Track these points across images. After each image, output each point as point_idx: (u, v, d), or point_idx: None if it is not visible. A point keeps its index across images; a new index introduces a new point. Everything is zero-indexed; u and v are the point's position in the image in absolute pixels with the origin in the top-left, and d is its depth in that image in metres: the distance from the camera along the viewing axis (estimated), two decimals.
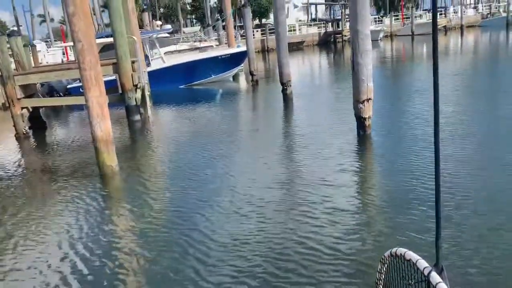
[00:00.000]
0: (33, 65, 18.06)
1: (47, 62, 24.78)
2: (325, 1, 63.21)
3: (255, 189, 6.51)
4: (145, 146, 10.64)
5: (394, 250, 2.22)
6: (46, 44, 33.79)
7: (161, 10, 60.18)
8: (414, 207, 5.36)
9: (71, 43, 8.60)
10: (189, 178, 7.38)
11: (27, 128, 12.74)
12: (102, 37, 19.88)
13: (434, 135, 1.88)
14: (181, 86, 20.62)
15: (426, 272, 1.85)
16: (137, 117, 12.93)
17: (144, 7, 49.54)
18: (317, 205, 5.72)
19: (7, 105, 12.45)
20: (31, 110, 13.13)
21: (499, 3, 52.90)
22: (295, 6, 59.03)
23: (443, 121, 8.90)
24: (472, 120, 9.38)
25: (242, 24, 31.31)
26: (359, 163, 7.52)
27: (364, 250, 4.56)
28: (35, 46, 23.78)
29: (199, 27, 47.72)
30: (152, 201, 6.59)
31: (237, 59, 21.49)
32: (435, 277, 1.80)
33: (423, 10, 60.03)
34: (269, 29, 40.87)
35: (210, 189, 6.74)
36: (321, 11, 63.12)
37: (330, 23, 50.44)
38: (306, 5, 58.22)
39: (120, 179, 7.85)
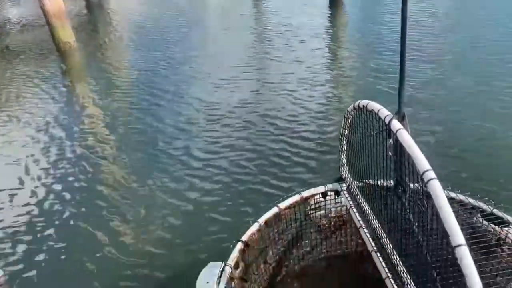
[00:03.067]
0: None
1: None
2: None
3: (220, 64, 6.30)
4: (104, 22, 9.90)
5: (357, 103, 2.11)
6: None
7: None
8: (382, 56, 5.38)
9: None
10: (151, 55, 7.06)
11: None
12: None
13: None
14: None
15: (387, 120, 1.77)
16: None
17: None
18: (290, 74, 5.64)
19: None
20: None
21: None
22: None
23: None
24: None
25: None
26: (332, 30, 7.32)
27: (330, 108, 4.65)
28: None
29: None
30: (115, 76, 6.37)
31: None
32: (395, 124, 1.71)
33: None
34: None
35: (174, 69, 6.49)
36: None
37: None
38: None
39: (80, 55, 7.42)
